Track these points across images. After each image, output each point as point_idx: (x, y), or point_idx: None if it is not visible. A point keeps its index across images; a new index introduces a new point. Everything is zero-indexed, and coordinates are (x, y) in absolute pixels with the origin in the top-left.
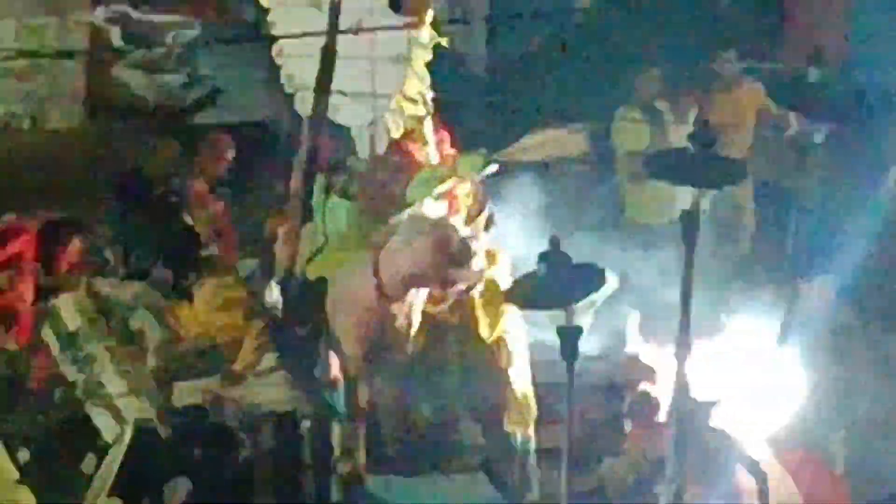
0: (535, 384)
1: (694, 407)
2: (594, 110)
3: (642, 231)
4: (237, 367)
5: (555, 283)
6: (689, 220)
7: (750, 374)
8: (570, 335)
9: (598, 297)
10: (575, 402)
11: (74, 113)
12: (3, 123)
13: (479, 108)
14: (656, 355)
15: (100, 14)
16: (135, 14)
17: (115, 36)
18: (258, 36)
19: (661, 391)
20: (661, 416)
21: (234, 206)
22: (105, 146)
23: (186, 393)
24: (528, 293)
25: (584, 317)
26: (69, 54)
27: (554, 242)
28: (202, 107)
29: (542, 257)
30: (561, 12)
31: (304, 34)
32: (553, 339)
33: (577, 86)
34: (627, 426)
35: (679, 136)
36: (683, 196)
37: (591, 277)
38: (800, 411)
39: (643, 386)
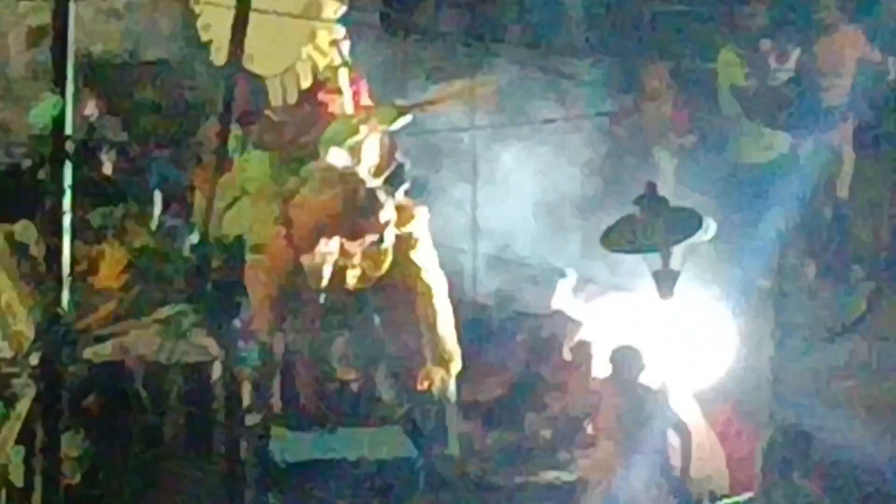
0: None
1: (632, 358)
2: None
3: None
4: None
5: (652, 227)
6: None
7: (681, 328)
8: (667, 279)
9: (695, 241)
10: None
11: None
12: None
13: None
14: (584, 310)
15: None
16: None
17: None
18: None
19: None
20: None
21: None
22: None
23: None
24: (626, 236)
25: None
26: None
27: (651, 186)
28: None
29: (638, 200)
30: None
31: None
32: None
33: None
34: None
35: (779, 78)
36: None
37: (688, 221)
38: (729, 368)
39: (579, 337)
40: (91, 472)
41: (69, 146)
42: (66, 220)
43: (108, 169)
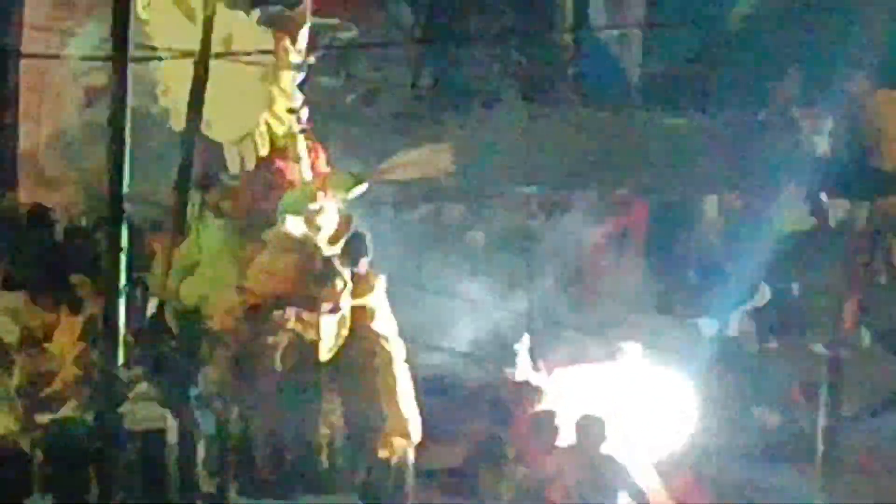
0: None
1: (595, 428)
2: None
3: None
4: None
5: (710, 292)
6: None
7: (642, 398)
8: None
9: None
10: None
11: None
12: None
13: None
14: (545, 379)
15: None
16: None
17: None
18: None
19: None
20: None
21: None
22: None
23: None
24: (683, 301)
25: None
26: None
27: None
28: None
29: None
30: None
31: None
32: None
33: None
34: (511, 449)
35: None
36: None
37: (744, 287)
38: (690, 438)
39: (541, 406)
40: None
41: (127, 208)
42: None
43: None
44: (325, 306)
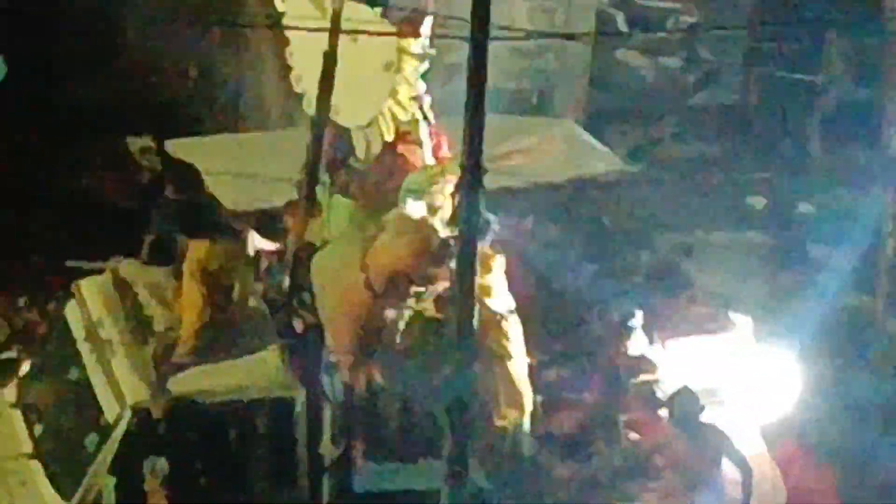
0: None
1: (689, 400)
2: None
3: None
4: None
5: None
6: None
7: (747, 368)
8: None
9: None
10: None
11: (580, 89)
12: (512, 98)
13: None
14: (659, 353)
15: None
16: (639, 0)
17: (620, 20)
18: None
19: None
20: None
21: None
22: None
23: (181, 378)
24: None
25: None
26: (576, 36)
27: None
28: (700, 89)
29: None
30: None
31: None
32: None
33: None
34: (623, 417)
35: None
36: None
37: None
38: (795, 404)
39: (652, 377)
40: (176, 499)
41: None
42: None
43: None
44: (442, 284)
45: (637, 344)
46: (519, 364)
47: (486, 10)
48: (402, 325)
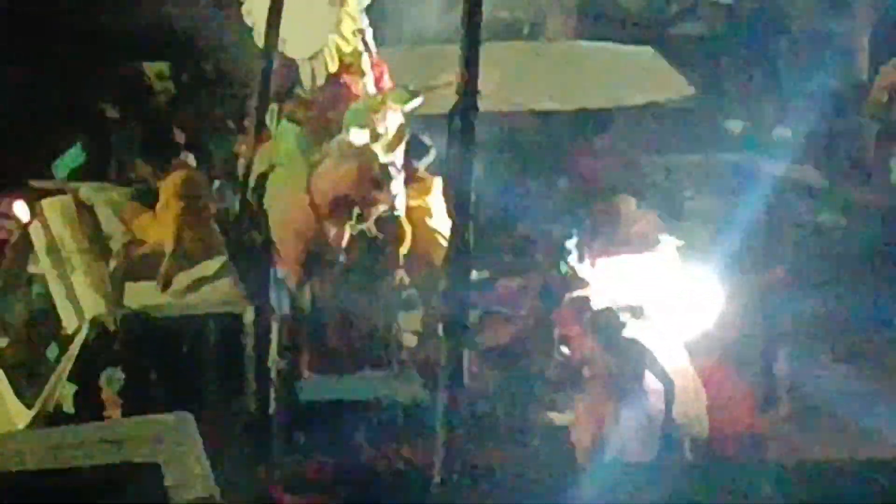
0: None
1: (611, 318)
2: None
3: None
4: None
5: None
6: None
7: (672, 283)
8: None
9: None
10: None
11: (569, 21)
12: (507, 25)
13: None
14: (589, 270)
15: None
16: None
17: None
18: None
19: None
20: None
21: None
22: None
23: (137, 293)
24: None
25: None
26: None
27: None
28: (679, 19)
29: None
30: None
31: None
32: None
33: None
34: (556, 330)
35: None
36: None
37: None
38: (719, 321)
39: (579, 292)
40: (131, 407)
41: None
42: None
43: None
44: (382, 206)
45: (570, 262)
46: None
47: None
48: (344, 244)
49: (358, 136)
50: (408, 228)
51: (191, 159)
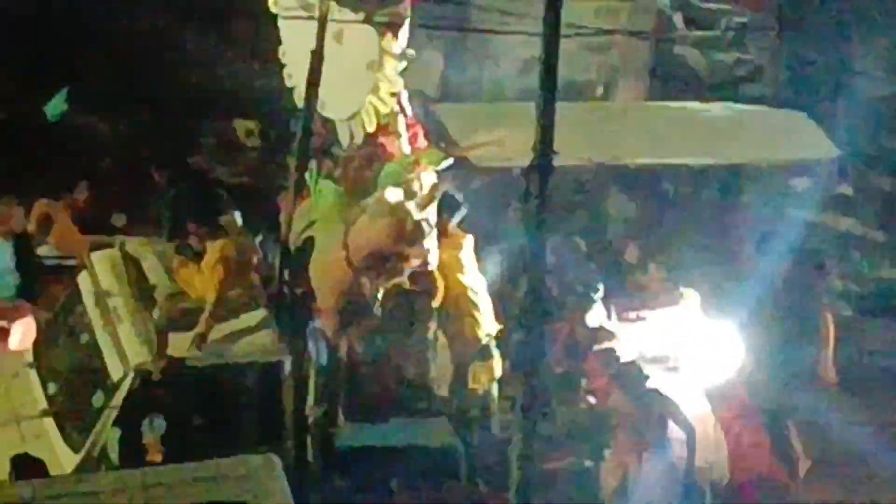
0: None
1: (635, 371)
2: None
3: None
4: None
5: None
6: None
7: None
8: None
9: None
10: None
11: (640, 81)
12: (581, 88)
13: None
14: (615, 324)
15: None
16: (694, 1)
17: (678, 19)
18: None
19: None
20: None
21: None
22: None
23: (180, 343)
24: None
25: None
26: (638, 33)
27: None
28: (747, 82)
29: None
30: None
31: None
32: None
33: None
34: (583, 382)
35: None
36: None
37: None
38: (740, 370)
39: (607, 344)
40: (172, 453)
41: None
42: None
43: None
44: (415, 261)
45: (596, 315)
46: (490, 335)
47: (558, 9)
48: (379, 297)
49: (393, 195)
50: (440, 282)
51: (237, 217)
